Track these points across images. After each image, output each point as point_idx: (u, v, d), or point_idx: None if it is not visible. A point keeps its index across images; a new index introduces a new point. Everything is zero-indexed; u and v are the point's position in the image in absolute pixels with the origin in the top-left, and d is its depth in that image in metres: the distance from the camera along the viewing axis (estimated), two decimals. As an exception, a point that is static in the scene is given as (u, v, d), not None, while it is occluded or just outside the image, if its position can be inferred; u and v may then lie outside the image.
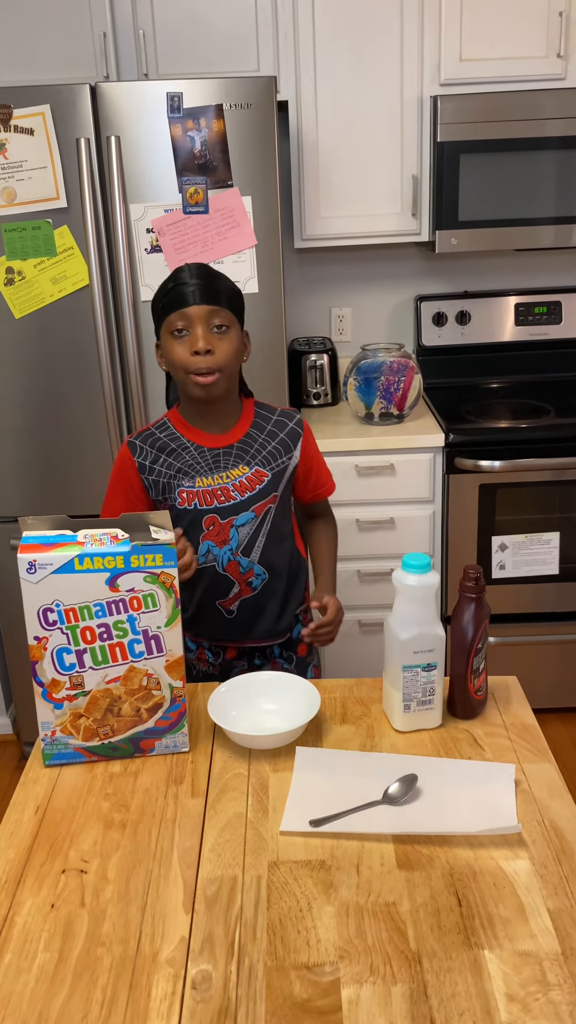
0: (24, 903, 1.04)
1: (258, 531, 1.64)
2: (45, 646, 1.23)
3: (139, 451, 1.64)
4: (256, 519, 1.63)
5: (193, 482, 1.61)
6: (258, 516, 1.63)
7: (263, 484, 1.62)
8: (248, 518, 1.62)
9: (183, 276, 1.53)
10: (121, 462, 1.66)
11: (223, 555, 1.63)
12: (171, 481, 1.61)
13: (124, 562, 1.20)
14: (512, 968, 0.93)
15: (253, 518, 1.63)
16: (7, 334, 2.39)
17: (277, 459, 1.65)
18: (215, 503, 1.61)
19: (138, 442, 1.65)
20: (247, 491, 1.62)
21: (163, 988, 0.92)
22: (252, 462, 1.62)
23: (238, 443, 1.63)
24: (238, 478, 1.61)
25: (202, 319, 1.51)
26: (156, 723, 1.28)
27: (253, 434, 1.64)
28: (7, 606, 2.66)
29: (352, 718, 1.38)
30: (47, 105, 2.20)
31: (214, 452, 1.62)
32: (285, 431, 1.67)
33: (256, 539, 1.64)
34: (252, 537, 1.64)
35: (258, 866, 1.08)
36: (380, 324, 3.17)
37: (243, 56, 2.54)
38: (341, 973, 0.93)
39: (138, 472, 1.63)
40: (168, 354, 1.56)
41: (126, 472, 1.65)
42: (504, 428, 2.69)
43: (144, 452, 1.63)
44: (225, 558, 1.64)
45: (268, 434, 1.65)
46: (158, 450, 1.63)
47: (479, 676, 1.34)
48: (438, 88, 2.59)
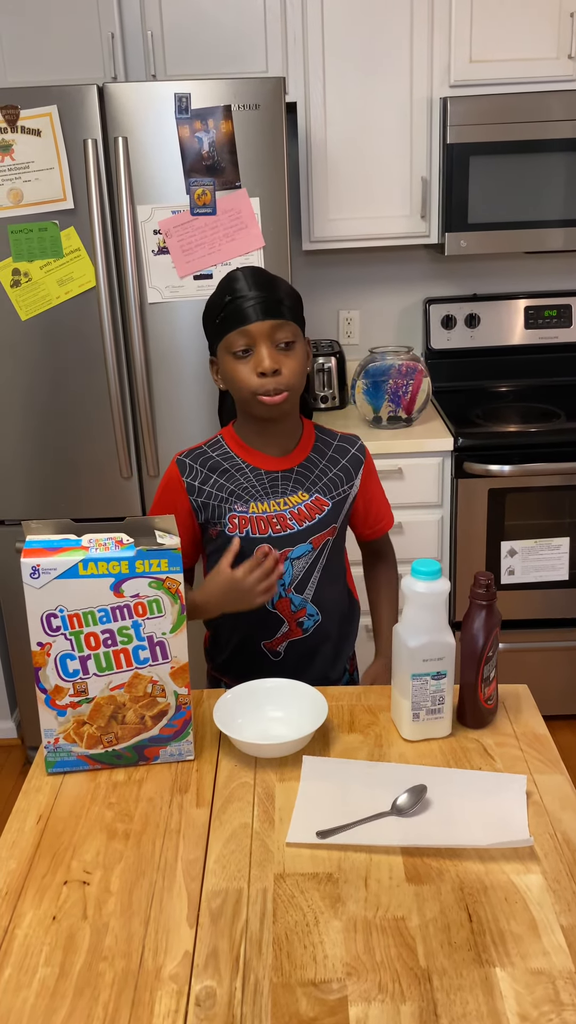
0: (25, 915, 1.02)
1: (314, 566, 1.51)
2: (48, 652, 1.21)
3: (188, 470, 1.51)
4: (313, 552, 1.50)
5: (247, 507, 1.47)
6: (315, 549, 1.50)
7: (323, 514, 1.49)
8: (305, 550, 1.49)
9: (240, 288, 1.39)
10: (168, 480, 1.53)
11: None
12: (222, 504, 1.48)
13: (129, 567, 1.18)
14: (524, 987, 0.90)
15: (310, 551, 1.50)
16: (13, 336, 2.37)
17: (338, 487, 1.52)
18: (270, 531, 1.47)
19: (188, 460, 1.51)
20: (306, 520, 1.48)
21: (166, 1005, 0.90)
22: (312, 489, 1.49)
23: (298, 467, 1.50)
24: (297, 505, 1.48)
25: (266, 336, 1.38)
26: (161, 731, 1.26)
27: (314, 458, 1.52)
28: (12, 610, 2.65)
29: (360, 727, 1.35)
30: (54, 106, 2.19)
31: (271, 475, 1.49)
32: (347, 457, 1.54)
33: (311, 574, 1.51)
34: (307, 572, 1.51)
35: (264, 879, 1.06)
36: (388, 327, 3.15)
37: (252, 57, 2.52)
38: (349, 990, 0.91)
39: (186, 493, 1.50)
40: (229, 375, 1.43)
41: (173, 491, 1.52)
42: (514, 432, 2.66)
43: (194, 472, 1.50)
44: (276, 594, 1.50)
45: (329, 460, 1.53)
46: (209, 470, 1.50)
47: (489, 684, 1.32)
48: (448, 90, 2.58)
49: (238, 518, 1.48)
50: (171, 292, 2.32)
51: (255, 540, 1.48)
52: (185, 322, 2.36)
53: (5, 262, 2.30)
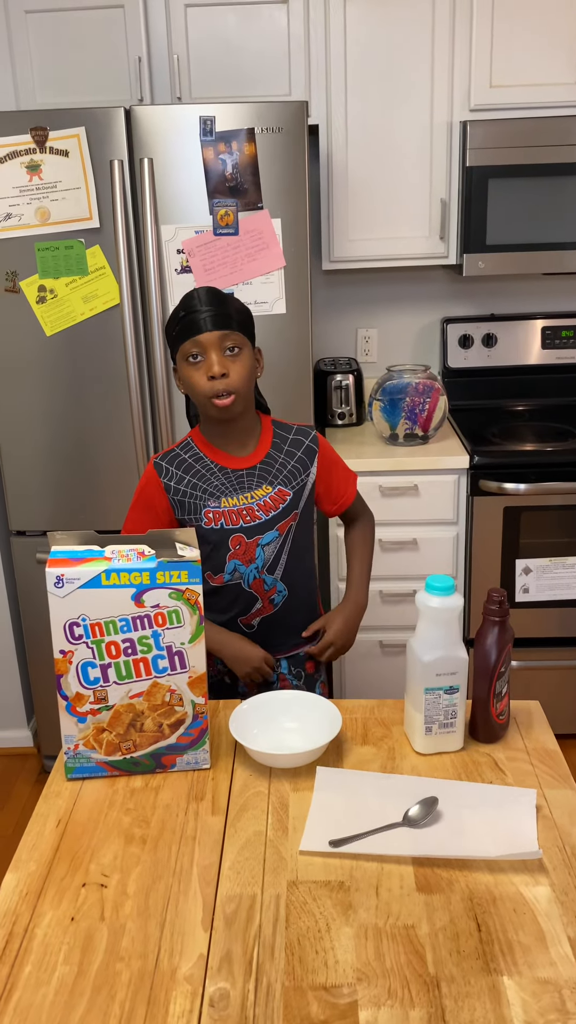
0: (44, 915, 1.05)
1: (281, 549, 1.67)
2: (70, 660, 1.24)
3: (165, 472, 1.67)
4: (280, 537, 1.67)
5: (219, 503, 1.64)
6: (281, 534, 1.67)
7: (286, 503, 1.66)
8: (273, 537, 1.66)
9: (194, 304, 1.57)
10: (147, 481, 1.69)
11: (249, 573, 1.66)
12: (197, 502, 1.65)
13: (150, 578, 1.21)
14: (531, 996, 0.92)
15: (277, 536, 1.66)
16: (38, 351, 2.42)
17: (297, 477, 1.68)
18: (241, 523, 1.64)
19: (164, 463, 1.68)
20: (271, 510, 1.65)
21: (181, 1005, 0.93)
22: (275, 482, 1.66)
23: (260, 464, 1.67)
24: (262, 498, 1.65)
25: (215, 344, 1.55)
26: (178, 739, 1.29)
27: (273, 454, 1.68)
28: (32, 620, 2.69)
29: (373, 739, 1.38)
30: (82, 127, 2.24)
31: (238, 473, 1.66)
32: (302, 449, 1.70)
33: (280, 557, 1.68)
34: (276, 555, 1.67)
35: (277, 885, 1.08)
36: (406, 345, 3.18)
37: (275, 81, 2.57)
38: (359, 995, 0.93)
39: (164, 492, 1.66)
40: (186, 380, 1.60)
41: (151, 491, 1.68)
42: (529, 451, 2.68)
43: (170, 473, 1.67)
44: (251, 576, 1.67)
45: (287, 453, 1.69)
46: (183, 471, 1.66)
47: (501, 700, 1.34)
48: (468, 114, 2.62)
49: (212, 512, 1.64)
50: (193, 310, 2.36)
51: (229, 531, 1.64)
52: (206, 339, 2.40)
53: (31, 279, 2.35)
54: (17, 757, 2.95)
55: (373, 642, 2.76)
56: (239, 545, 1.65)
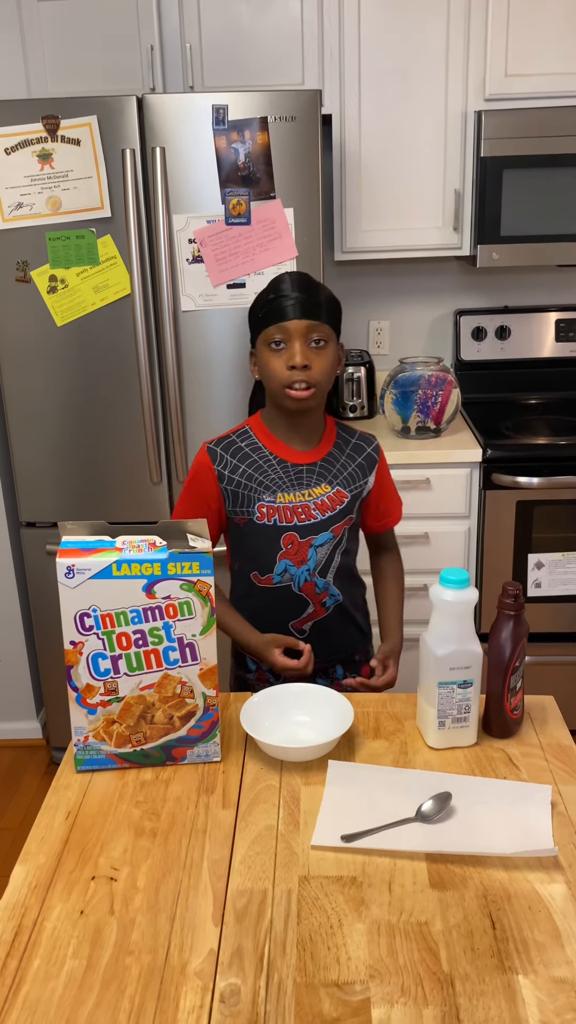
0: (53, 908, 1.04)
1: (334, 552, 1.61)
2: (81, 651, 1.23)
3: (218, 458, 1.59)
4: (334, 540, 1.60)
5: (275, 497, 1.57)
6: (335, 537, 1.60)
7: (343, 505, 1.59)
8: (327, 539, 1.59)
9: (284, 288, 1.50)
10: (198, 467, 1.61)
11: (300, 575, 1.60)
12: (251, 494, 1.57)
13: (161, 569, 1.20)
14: (547, 995, 0.91)
15: (331, 539, 1.60)
16: (49, 341, 2.41)
17: (356, 481, 1.62)
18: (295, 520, 1.57)
19: (218, 449, 1.60)
20: (328, 511, 1.58)
21: (191, 1000, 0.91)
22: (334, 482, 1.59)
23: (321, 461, 1.60)
24: (320, 497, 1.58)
25: (300, 334, 1.49)
26: (189, 731, 1.28)
27: (335, 453, 1.62)
28: (41, 611, 2.68)
29: (385, 733, 1.36)
30: (94, 116, 2.22)
31: (297, 468, 1.58)
32: (363, 455, 1.64)
33: (332, 559, 1.61)
34: (329, 557, 1.61)
35: (288, 880, 1.07)
36: (418, 338, 3.16)
37: (288, 70, 2.55)
38: (372, 992, 0.91)
39: (216, 480, 1.58)
40: (264, 366, 1.53)
41: (203, 478, 1.60)
42: (543, 444, 2.66)
43: (224, 460, 1.59)
44: (302, 578, 1.60)
45: (348, 455, 1.63)
46: (239, 460, 1.58)
47: (515, 695, 1.32)
48: (482, 103, 2.59)
49: (266, 507, 1.57)
50: (205, 300, 2.35)
51: (282, 528, 1.57)
52: (218, 330, 2.38)
53: (42, 268, 2.34)
54: (26, 749, 2.95)
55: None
56: (291, 544, 1.57)
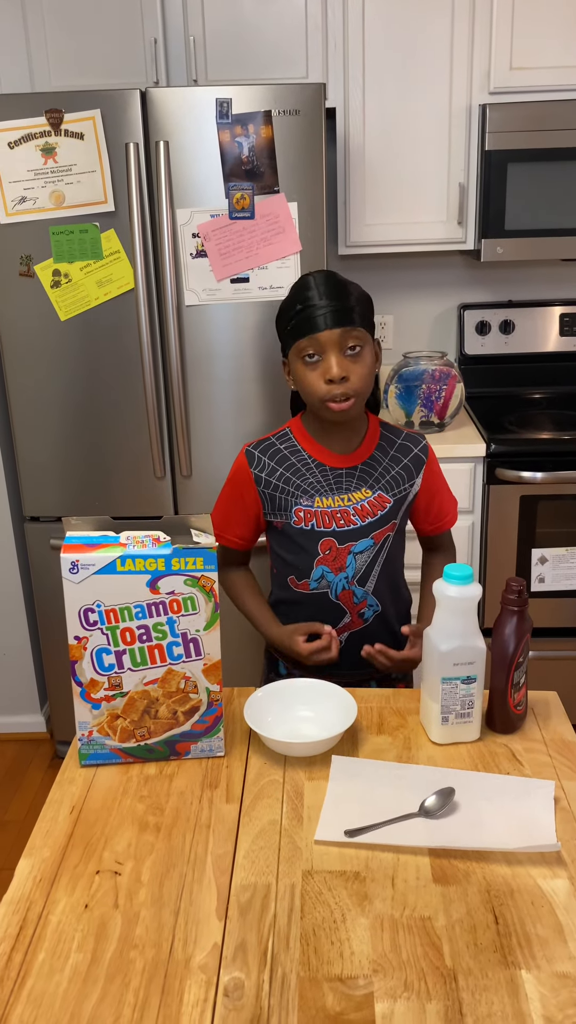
0: (58, 902, 1.04)
1: (375, 560, 1.56)
2: (85, 646, 1.23)
3: (256, 461, 1.56)
4: (374, 547, 1.56)
5: (312, 501, 1.53)
6: (376, 544, 1.55)
7: (385, 511, 1.55)
8: (367, 545, 1.55)
9: (311, 297, 1.43)
10: (236, 471, 1.59)
11: (337, 582, 1.56)
12: (288, 498, 1.54)
13: (165, 564, 1.20)
14: (550, 990, 0.91)
15: (371, 546, 1.55)
16: (52, 336, 2.41)
17: (400, 485, 1.57)
18: (334, 526, 1.53)
19: (256, 452, 1.57)
20: (368, 516, 1.54)
21: (195, 994, 0.92)
22: (376, 486, 1.55)
23: (362, 465, 1.55)
24: (360, 502, 1.54)
25: (335, 344, 1.43)
26: (192, 726, 1.28)
27: (378, 456, 1.57)
28: (45, 606, 2.69)
29: (389, 729, 1.36)
30: (97, 110, 2.22)
31: (336, 472, 1.54)
32: (409, 456, 1.59)
33: (372, 568, 1.57)
34: (369, 566, 1.56)
35: (292, 875, 1.07)
36: (422, 332, 3.15)
37: (292, 63, 2.54)
38: (375, 987, 0.92)
39: (254, 483, 1.56)
40: (300, 379, 1.48)
41: (241, 482, 1.58)
42: (547, 439, 2.66)
43: (262, 463, 1.56)
44: (339, 586, 1.56)
45: (392, 458, 1.58)
46: (276, 463, 1.55)
47: (519, 690, 1.33)
48: (487, 96, 2.58)
49: (303, 511, 1.54)
50: (208, 295, 2.35)
51: (320, 533, 1.54)
52: (221, 325, 2.38)
53: (46, 263, 2.34)
54: (30, 743, 2.96)
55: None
56: (329, 550, 1.54)
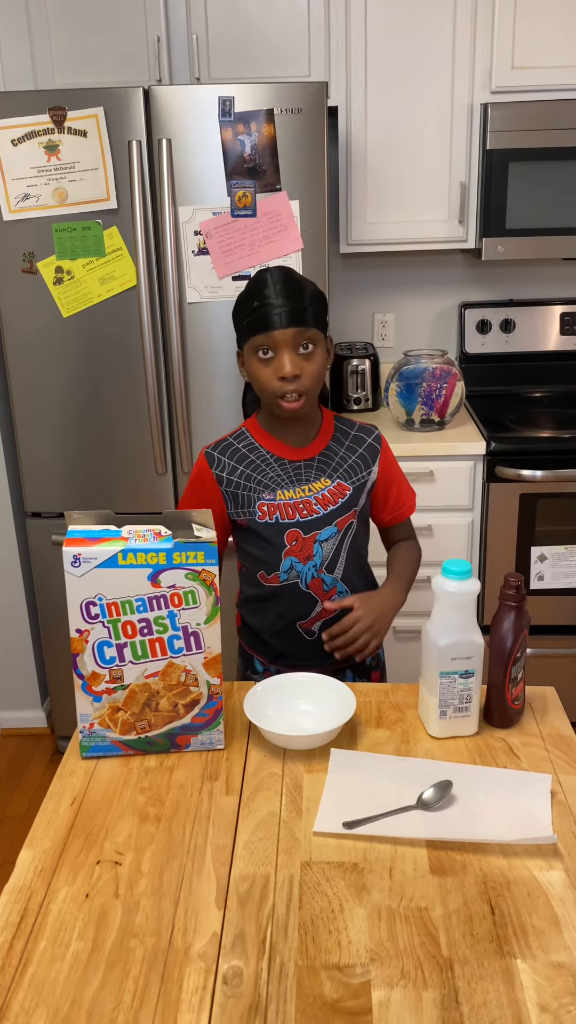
0: (59, 891, 1.06)
1: (340, 547, 1.59)
2: (87, 639, 1.24)
3: (216, 462, 1.59)
4: (339, 534, 1.59)
5: (274, 495, 1.56)
6: (340, 531, 1.59)
7: (345, 498, 1.58)
8: (331, 533, 1.58)
9: (268, 294, 1.45)
10: (198, 473, 1.61)
11: (307, 572, 1.58)
12: (251, 494, 1.57)
13: (167, 558, 1.21)
14: (545, 979, 0.92)
15: (336, 533, 1.58)
16: (55, 333, 2.42)
17: (358, 473, 1.60)
18: (297, 516, 1.56)
19: (216, 453, 1.60)
20: (330, 504, 1.57)
21: (194, 981, 0.93)
22: (334, 475, 1.58)
23: (319, 456, 1.59)
24: (321, 491, 1.57)
25: (288, 342, 1.46)
26: (193, 719, 1.29)
27: (333, 447, 1.60)
28: (46, 600, 2.70)
29: (387, 723, 1.37)
30: (101, 107, 2.23)
31: (295, 464, 1.58)
32: (364, 446, 1.62)
33: (339, 555, 1.60)
34: (335, 553, 1.59)
35: (291, 865, 1.08)
36: (423, 330, 3.16)
37: (294, 62, 2.55)
38: (372, 975, 0.93)
39: (216, 484, 1.59)
40: (253, 374, 1.51)
41: (203, 483, 1.60)
42: (546, 438, 2.66)
43: (222, 463, 1.59)
44: (309, 575, 1.59)
45: (348, 448, 1.61)
46: (236, 461, 1.58)
47: (517, 685, 1.34)
48: (489, 96, 2.59)
49: (267, 505, 1.57)
50: (210, 292, 2.36)
51: (284, 525, 1.57)
52: (223, 322, 2.39)
53: (49, 260, 2.35)
54: (31, 737, 2.97)
55: (387, 628, 2.75)
56: (295, 541, 1.57)
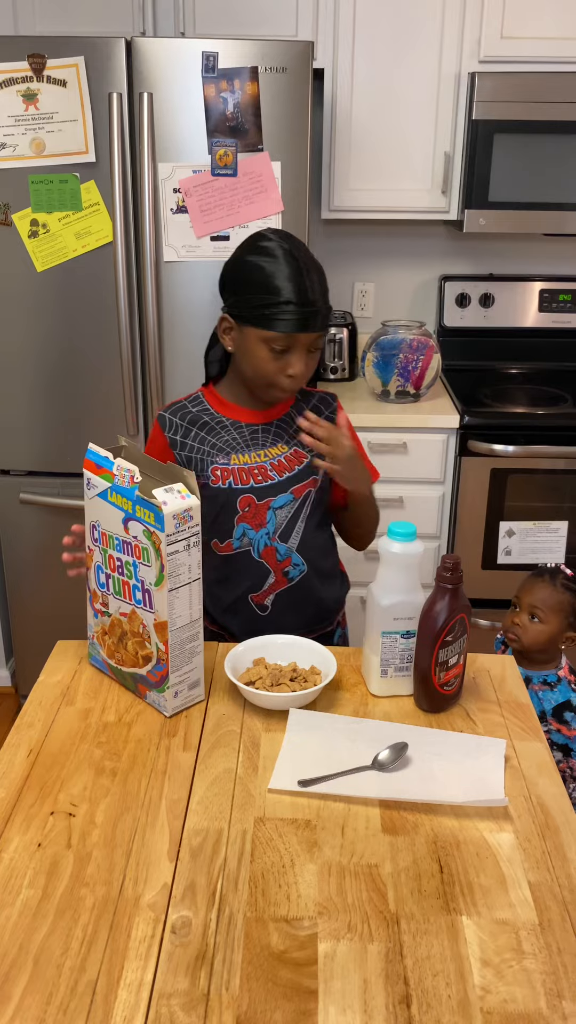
0: (11, 841, 1.05)
1: (297, 516, 1.55)
2: (92, 557, 1.30)
3: (170, 425, 1.54)
4: (295, 502, 1.54)
5: (228, 459, 1.52)
6: (297, 499, 1.54)
7: (302, 466, 1.54)
8: (286, 500, 1.53)
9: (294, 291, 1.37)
10: (153, 438, 1.58)
11: (259, 539, 1.54)
12: (205, 458, 1.52)
13: (132, 508, 1.21)
14: (489, 935, 0.94)
15: (292, 500, 1.54)
16: (29, 287, 2.38)
17: None
18: (251, 482, 1.52)
19: (168, 415, 1.56)
20: (286, 471, 1.53)
21: (143, 931, 0.94)
22: (291, 442, 1.54)
23: (277, 421, 1.55)
24: (277, 457, 1.53)
25: (305, 345, 1.42)
26: (147, 674, 1.29)
27: (292, 413, 1.55)
28: (13, 558, 2.68)
29: (347, 685, 1.38)
30: (81, 57, 2.18)
31: (252, 428, 1.53)
32: (322, 417, 1.56)
33: (295, 524, 1.55)
34: (291, 522, 1.55)
35: (244, 821, 1.09)
36: (402, 301, 3.15)
37: (281, 20, 2.51)
38: (319, 928, 0.94)
39: (170, 448, 1.54)
40: (252, 356, 1.44)
41: (157, 448, 1.56)
42: (520, 413, 2.67)
43: (175, 426, 1.54)
44: (261, 543, 1.54)
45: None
46: (190, 423, 1.54)
47: (447, 670, 1.28)
48: (477, 65, 2.56)
49: (220, 470, 1.53)
50: (187, 251, 2.33)
51: (238, 491, 1.53)
52: (200, 282, 2.36)
53: (24, 212, 2.31)
54: (-6, 696, 2.97)
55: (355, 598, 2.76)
56: (248, 507, 1.52)
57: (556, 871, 1.02)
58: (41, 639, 1.78)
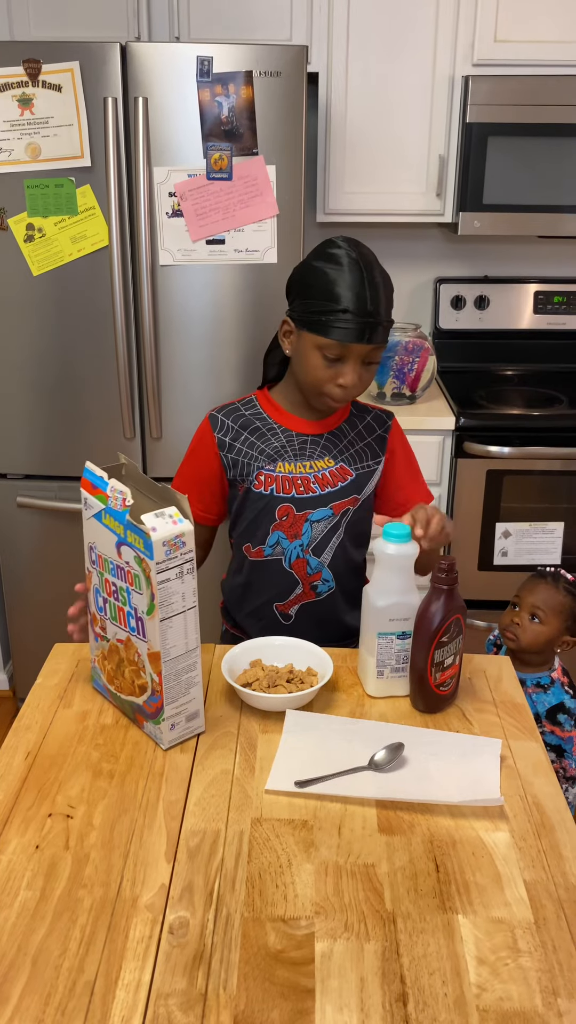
0: (9, 842, 1.06)
1: (333, 532, 1.54)
2: (91, 579, 1.27)
3: (220, 426, 1.54)
4: (333, 517, 1.54)
5: (274, 466, 1.52)
6: (335, 515, 1.54)
7: (346, 483, 1.53)
8: (324, 515, 1.53)
9: (358, 303, 1.36)
10: (200, 435, 1.57)
11: (292, 550, 1.54)
12: (251, 462, 1.52)
13: (124, 532, 1.15)
14: (484, 933, 0.94)
15: (330, 515, 1.53)
16: (25, 291, 2.39)
17: (363, 460, 1.56)
18: (293, 492, 1.52)
19: (220, 416, 1.55)
20: (328, 486, 1.52)
21: (141, 931, 0.94)
22: (339, 457, 1.54)
23: (328, 434, 1.54)
24: (322, 470, 1.53)
25: (360, 356, 1.41)
26: (144, 704, 1.24)
27: (345, 428, 1.55)
28: (11, 562, 2.68)
29: (344, 686, 1.39)
30: (76, 62, 2.19)
31: (301, 438, 1.53)
32: (374, 435, 1.57)
33: (329, 540, 1.55)
34: (326, 537, 1.54)
35: (241, 822, 1.10)
36: (398, 304, 3.13)
37: (276, 24, 2.52)
38: (316, 928, 0.94)
39: (217, 448, 1.54)
40: (306, 362, 1.44)
41: (204, 446, 1.56)
42: (515, 415, 2.68)
43: (226, 427, 1.54)
44: (294, 554, 1.54)
45: (358, 433, 1.57)
46: (240, 427, 1.54)
47: (443, 671, 1.29)
48: (471, 68, 2.57)
49: (265, 475, 1.53)
50: (183, 255, 2.33)
51: (278, 499, 1.53)
52: (196, 286, 2.37)
53: (20, 216, 2.31)
54: (-8, 700, 2.97)
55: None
56: (286, 516, 1.52)
57: (551, 870, 1.03)
58: (38, 642, 1.78)
